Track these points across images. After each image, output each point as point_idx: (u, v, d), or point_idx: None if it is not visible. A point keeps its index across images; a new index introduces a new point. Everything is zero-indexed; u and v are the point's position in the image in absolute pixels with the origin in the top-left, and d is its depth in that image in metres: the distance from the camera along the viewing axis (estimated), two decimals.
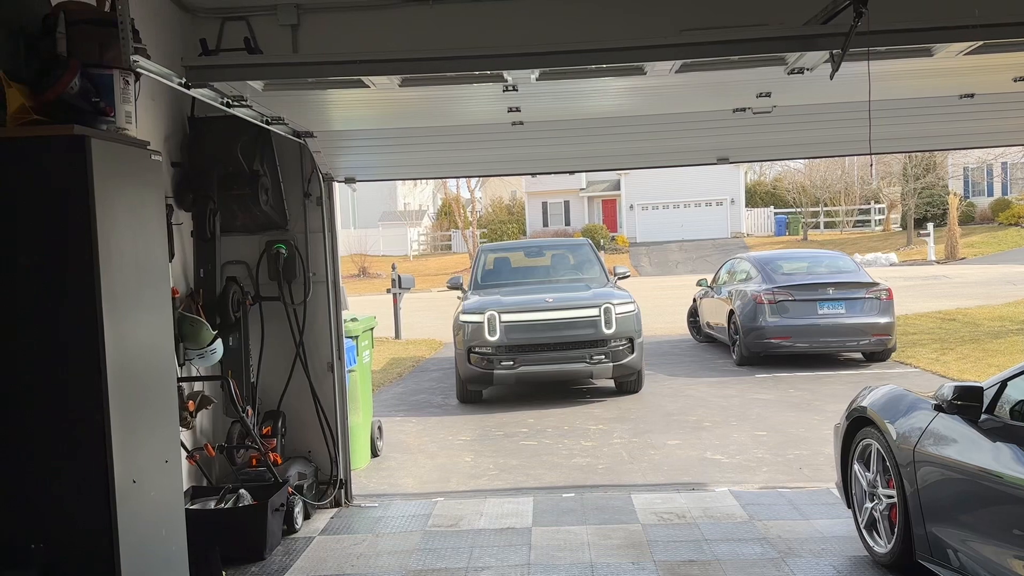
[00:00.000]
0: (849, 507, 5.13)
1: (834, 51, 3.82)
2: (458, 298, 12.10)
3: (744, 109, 5.51)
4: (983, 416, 3.91)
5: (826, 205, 44.00)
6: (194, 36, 5.64)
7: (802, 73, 4.34)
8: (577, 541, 5.36)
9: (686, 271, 34.04)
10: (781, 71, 4.37)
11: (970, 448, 3.90)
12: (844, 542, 5.14)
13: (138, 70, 3.60)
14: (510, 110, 5.10)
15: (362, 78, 4.16)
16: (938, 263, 30.70)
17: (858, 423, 4.96)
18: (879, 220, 43.48)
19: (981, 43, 3.93)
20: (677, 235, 44.13)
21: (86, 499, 3.42)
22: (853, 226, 44.19)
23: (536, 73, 4.22)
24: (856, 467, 4.98)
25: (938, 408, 4.14)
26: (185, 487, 5.12)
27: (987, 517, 3.79)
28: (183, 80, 3.94)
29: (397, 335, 17.61)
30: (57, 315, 3.36)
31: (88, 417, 3.40)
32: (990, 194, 39.55)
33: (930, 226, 33.31)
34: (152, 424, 3.81)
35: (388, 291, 18.34)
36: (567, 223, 47.64)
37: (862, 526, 4.94)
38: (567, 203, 48.51)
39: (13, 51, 3.67)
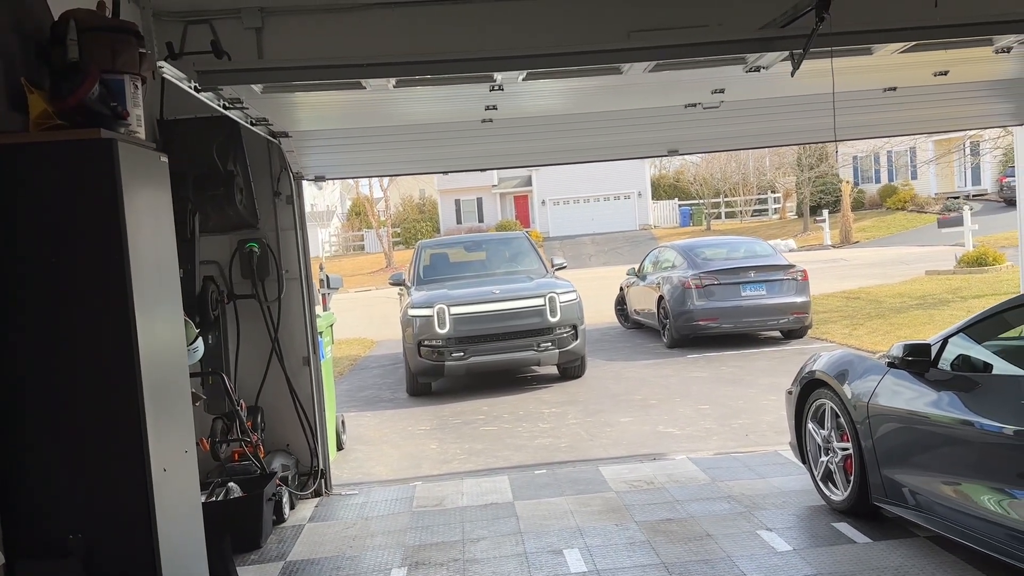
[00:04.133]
0: (804, 463, 5.67)
1: (795, 51, 4.29)
2: (399, 294, 12.28)
3: (695, 104, 5.99)
4: (930, 370, 4.46)
5: (726, 196, 45.78)
6: (158, 40, 5.71)
7: (758, 71, 4.82)
8: (559, 510, 5.73)
9: (599, 263, 34.90)
10: (739, 69, 4.83)
11: (919, 398, 4.45)
12: (801, 495, 5.67)
13: (163, 76, 3.75)
14: (487, 108, 5.42)
15: (360, 80, 4.40)
16: (834, 247, 32.46)
17: (811, 386, 5.49)
18: (776, 209, 45.54)
19: (915, 43, 4.47)
20: (588, 229, 45.06)
21: (125, 488, 3.54)
22: (752, 215, 46.15)
23: (524, 74, 4.55)
24: (810, 426, 5.51)
25: (891, 365, 4.67)
26: None
27: (936, 456, 4.34)
28: (193, 84, 4.10)
29: None
30: (93, 313, 3.48)
31: (125, 408, 3.52)
32: (877, 181, 42.00)
33: (825, 212, 35.22)
34: (173, 415, 3.96)
35: (318, 291, 18.25)
36: (480, 220, 48.00)
37: (818, 479, 5.47)
38: (480, 200, 48.87)
39: (27, 58, 3.76)
